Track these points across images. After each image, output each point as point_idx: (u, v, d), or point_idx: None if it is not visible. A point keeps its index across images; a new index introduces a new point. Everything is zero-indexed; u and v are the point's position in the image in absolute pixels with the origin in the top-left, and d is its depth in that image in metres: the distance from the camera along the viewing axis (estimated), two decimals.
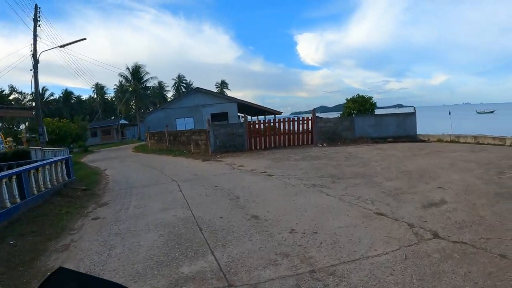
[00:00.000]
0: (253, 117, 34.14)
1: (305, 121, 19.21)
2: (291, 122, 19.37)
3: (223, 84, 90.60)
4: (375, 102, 24.00)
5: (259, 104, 34.83)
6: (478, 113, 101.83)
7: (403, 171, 8.99)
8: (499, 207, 5.58)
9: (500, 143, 19.73)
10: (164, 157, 19.42)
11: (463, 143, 22.19)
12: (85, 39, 22.00)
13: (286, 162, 12.12)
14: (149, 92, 67.16)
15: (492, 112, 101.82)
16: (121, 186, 10.47)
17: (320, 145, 18.39)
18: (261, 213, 6.18)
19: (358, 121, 20.37)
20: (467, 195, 6.33)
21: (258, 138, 18.47)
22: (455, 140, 23.66)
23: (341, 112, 24.23)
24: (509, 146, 18.45)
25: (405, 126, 20.22)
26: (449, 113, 29.63)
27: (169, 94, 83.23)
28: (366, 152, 13.60)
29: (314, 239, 4.75)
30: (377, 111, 24.67)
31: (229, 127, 18.76)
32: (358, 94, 23.77)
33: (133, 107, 68.26)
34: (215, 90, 75.74)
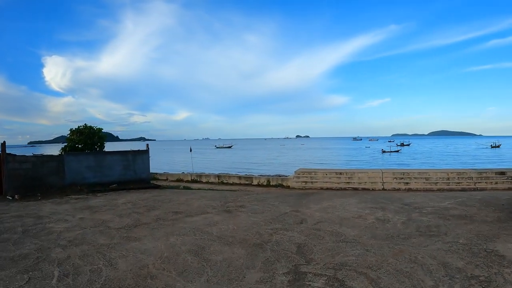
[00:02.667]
0: None
1: None
2: None
3: None
4: (105, 135, 18.30)
5: None
6: (217, 147, 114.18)
7: None
8: None
9: (247, 182, 18.47)
10: None
11: (206, 182, 20.09)
12: None
13: None
14: None
15: (230, 146, 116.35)
16: None
17: (10, 198, 11.94)
18: None
19: (71, 161, 13.68)
20: None
21: None
22: (196, 179, 20.81)
23: (65, 145, 17.35)
24: (256, 185, 17.40)
25: (135, 168, 15.10)
26: (190, 151, 27.22)
27: None
28: (64, 217, 7.41)
29: None
30: (120, 144, 19.05)
31: None
32: (85, 124, 17.60)
33: None
34: None
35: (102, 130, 17.67)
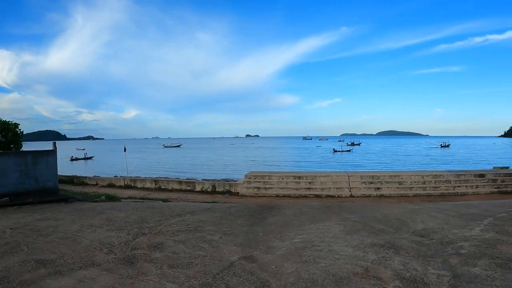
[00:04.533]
0: None
1: None
2: None
3: None
4: (22, 132, 14.10)
5: None
6: (166, 147, 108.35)
7: None
8: None
9: (189, 188, 15.33)
10: None
11: (141, 188, 16.62)
12: None
13: None
14: None
15: (179, 146, 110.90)
16: None
17: None
18: None
19: None
20: None
21: None
22: (130, 185, 17.42)
23: None
24: (199, 192, 14.46)
25: (36, 174, 11.18)
26: (124, 150, 23.08)
27: None
28: None
29: None
30: (67, 143, 14.67)
31: None
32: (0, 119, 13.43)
33: None
34: None
35: (50, 129, 13.65)
